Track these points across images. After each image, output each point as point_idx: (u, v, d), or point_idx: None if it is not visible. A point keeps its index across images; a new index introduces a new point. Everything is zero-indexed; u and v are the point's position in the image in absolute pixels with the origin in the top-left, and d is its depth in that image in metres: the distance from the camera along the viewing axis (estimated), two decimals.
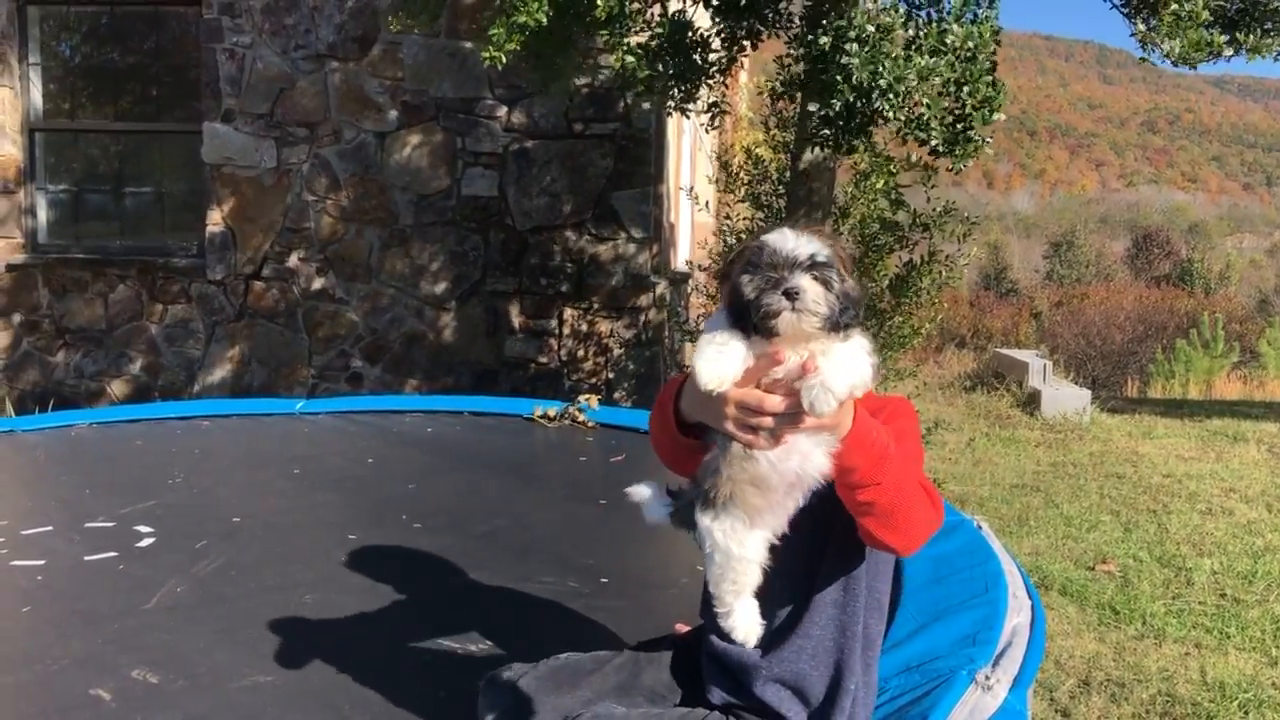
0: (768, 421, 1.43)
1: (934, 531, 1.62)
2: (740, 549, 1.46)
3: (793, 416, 1.42)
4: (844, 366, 1.38)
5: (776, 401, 1.41)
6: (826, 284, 1.38)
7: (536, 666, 1.89)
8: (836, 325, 1.38)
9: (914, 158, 5.32)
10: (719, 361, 1.39)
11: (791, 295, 1.35)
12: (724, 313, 1.47)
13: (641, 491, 1.67)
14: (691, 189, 7.58)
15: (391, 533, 3.26)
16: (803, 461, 1.45)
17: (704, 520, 1.46)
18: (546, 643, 2.36)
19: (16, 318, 7.31)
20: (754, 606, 1.52)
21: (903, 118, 4.00)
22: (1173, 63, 4.32)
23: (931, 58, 3.90)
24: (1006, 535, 5.44)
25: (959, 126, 4.06)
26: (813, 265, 1.38)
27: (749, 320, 1.40)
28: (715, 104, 4.91)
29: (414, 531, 3.29)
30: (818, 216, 5.03)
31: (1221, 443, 8.28)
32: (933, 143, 4.05)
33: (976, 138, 4.08)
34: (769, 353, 1.41)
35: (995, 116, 4.09)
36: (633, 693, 1.84)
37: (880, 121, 4.12)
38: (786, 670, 1.76)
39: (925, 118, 3.98)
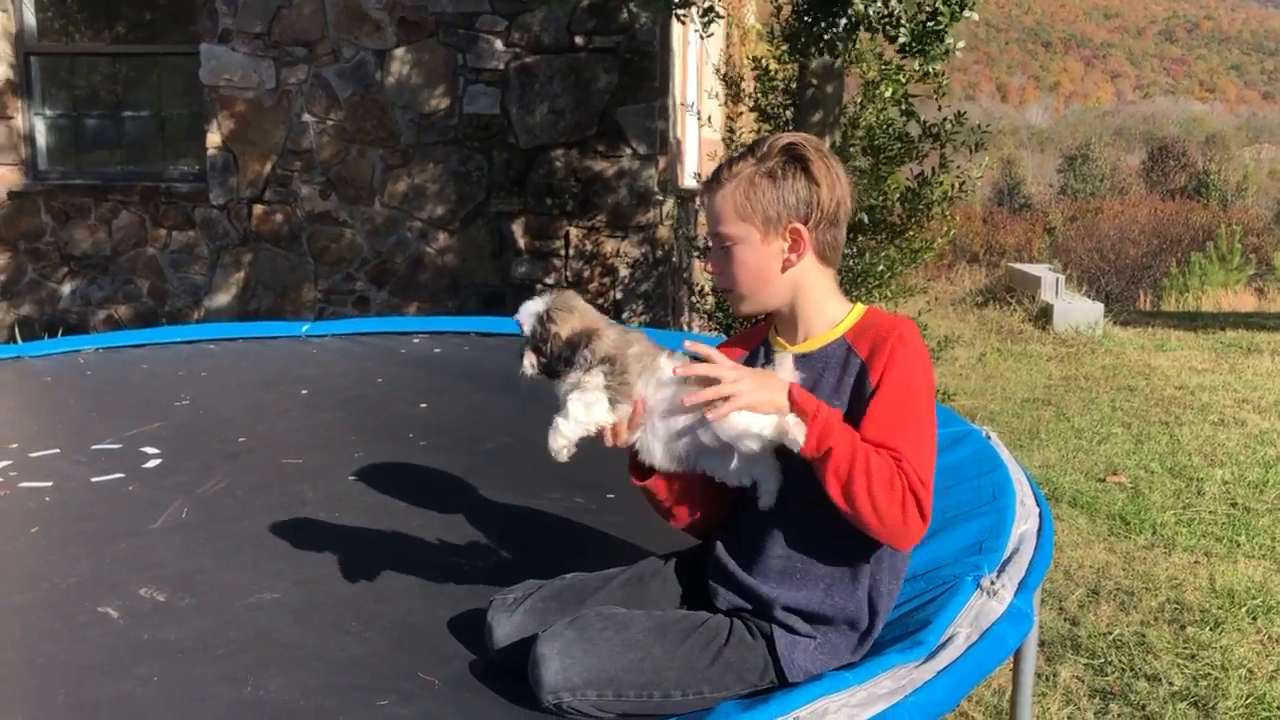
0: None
1: (919, 533, 1.66)
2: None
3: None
4: (572, 406, 1.75)
5: None
6: (536, 350, 1.79)
7: (543, 587, 1.91)
8: (553, 371, 1.78)
9: (921, 66, 5.19)
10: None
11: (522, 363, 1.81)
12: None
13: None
14: (694, 104, 7.43)
15: (398, 451, 3.25)
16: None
17: None
18: (554, 558, 2.36)
19: (20, 245, 7.27)
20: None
21: (873, 12, 3.87)
22: None
23: None
24: (1017, 448, 5.43)
25: (928, 24, 3.93)
26: (529, 338, 1.80)
27: None
28: (711, 8, 4.77)
29: (421, 450, 3.28)
30: (828, 124, 4.93)
31: (1235, 354, 8.22)
32: (900, 39, 3.93)
33: (946, 37, 3.96)
34: None
35: (966, 15, 3.95)
36: (638, 607, 1.85)
37: (853, 17, 3.99)
38: (800, 600, 1.76)
39: (895, 13, 3.86)
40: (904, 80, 5.36)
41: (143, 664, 1.92)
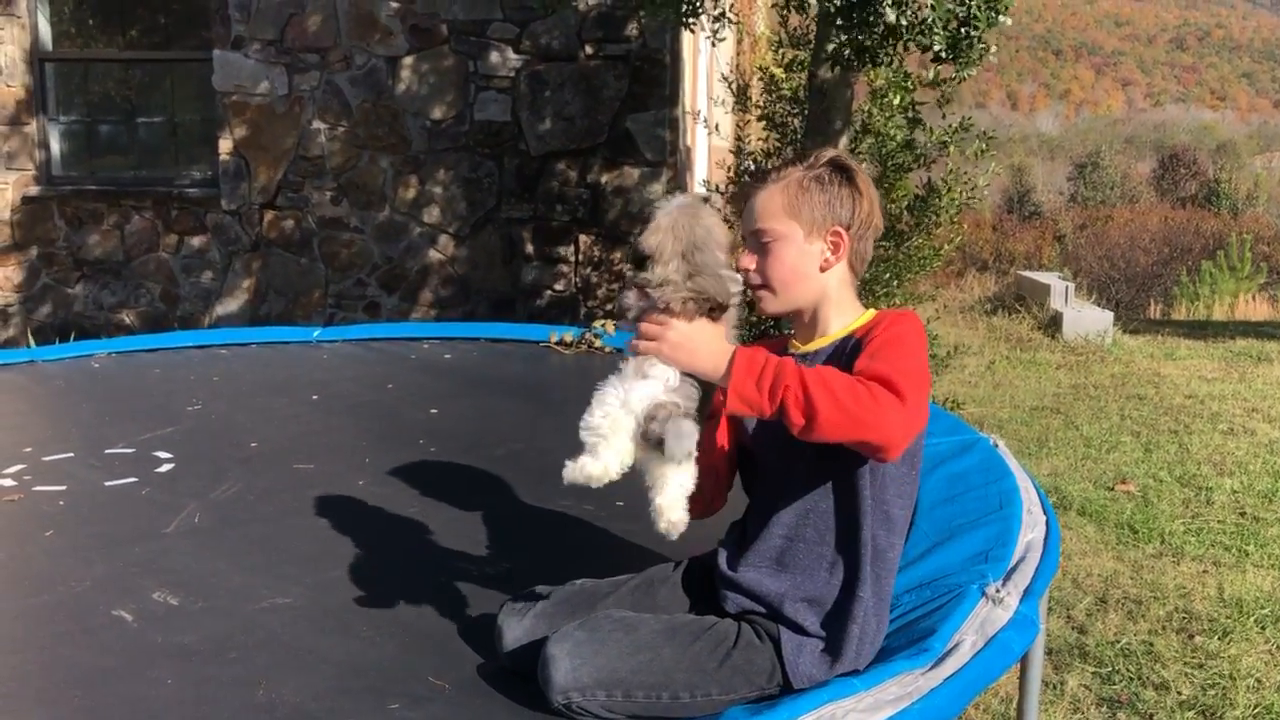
0: None
1: (903, 421, 1.60)
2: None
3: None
4: None
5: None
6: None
7: (553, 592, 1.94)
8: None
9: (932, 74, 5.21)
10: None
11: None
12: None
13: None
14: (699, 113, 7.45)
15: (409, 457, 3.27)
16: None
17: None
18: (563, 565, 2.37)
19: (34, 250, 7.33)
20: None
21: (905, 21, 3.87)
22: None
23: None
24: (1026, 457, 5.43)
25: (962, 30, 3.93)
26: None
27: None
28: (722, 14, 4.78)
29: (431, 455, 3.30)
30: (837, 131, 4.94)
31: (1245, 363, 8.21)
32: (935, 47, 3.93)
33: (980, 43, 3.96)
34: None
35: (1001, 20, 3.95)
36: (647, 612, 1.87)
37: (886, 27, 3.99)
38: (799, 589, 1.79)
39: (929, 20, 3.86)
40: (912, 88, 5.38)
41: (157, 667, 1.94)
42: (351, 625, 2.11)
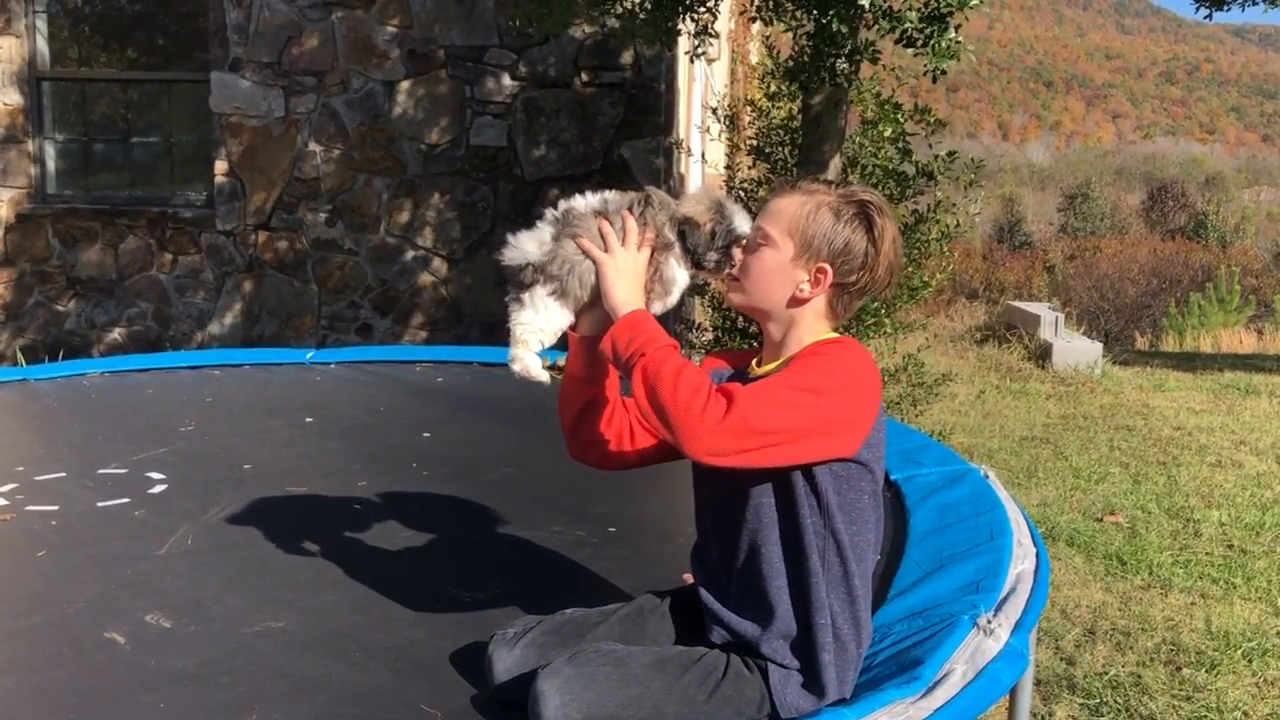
0: None
1: (712, 437, 1.64)
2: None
3: None
4: None
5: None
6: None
7: (543, 622, 1.93)
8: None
9: (919, 104, 5.26)
10: None
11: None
12: None
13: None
14: (683, 142, 7.50)
15: (402, 481, 3.28)
16: None
17: None
18: (555, 591, 2.38)
19: (26, 268, 7.32)
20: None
21: (878, 3, 3.87)
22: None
23: None
24: (1015, 487, 5.45)
25: (935, 7, 3.91)
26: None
27: None
28: (705, 28, 4.79)
29: (424, 479, 3.31)
30: (825, 156, 4.97)
31: (1233, 395, 8.25)
32: (906, 26, 3.90)
33: (956, 30, 3.94)
34: None
35: (975, 4, 3.92)
36: (636, 642, 1.88)
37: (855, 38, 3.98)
38: (773, 629, 1.79)
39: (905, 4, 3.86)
40: (902, 120, 5.44)
41: (149, 690, 1.94)
42: (344, 650, 2.11)
